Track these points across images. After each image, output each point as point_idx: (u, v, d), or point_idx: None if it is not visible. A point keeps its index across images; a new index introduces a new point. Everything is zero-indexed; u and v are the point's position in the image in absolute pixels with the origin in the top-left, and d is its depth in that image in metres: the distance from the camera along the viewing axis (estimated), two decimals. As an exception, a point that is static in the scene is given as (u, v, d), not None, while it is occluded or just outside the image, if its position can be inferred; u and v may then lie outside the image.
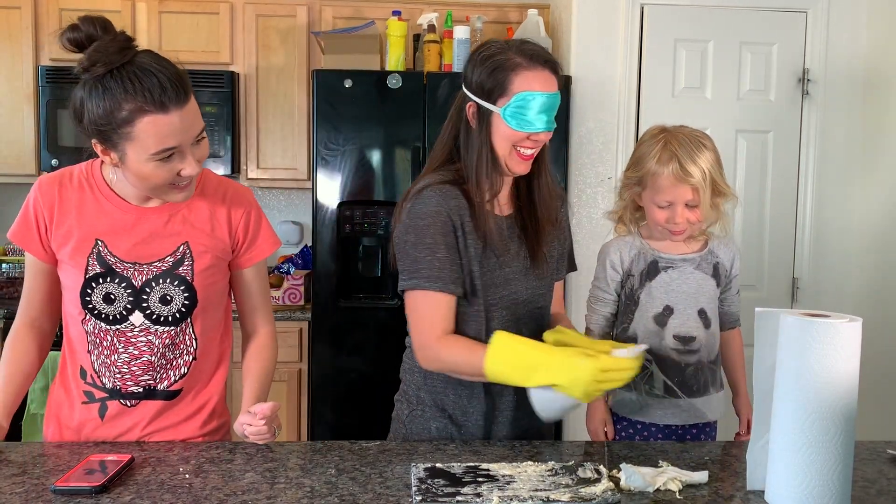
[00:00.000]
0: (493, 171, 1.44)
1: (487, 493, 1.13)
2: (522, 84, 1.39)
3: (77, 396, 1.43)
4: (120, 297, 1.39)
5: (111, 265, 1.38)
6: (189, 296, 1.41)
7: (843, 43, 3.02)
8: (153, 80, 1.22)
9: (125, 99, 1.21)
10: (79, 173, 1.41)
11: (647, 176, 1.63)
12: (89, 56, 1.22)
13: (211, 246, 1.43)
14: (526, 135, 1.40)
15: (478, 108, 1.44)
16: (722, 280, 1.73)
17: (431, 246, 1.42)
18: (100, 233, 1.38)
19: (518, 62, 1.39)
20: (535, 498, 1.12)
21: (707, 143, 1.62)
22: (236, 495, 1.14)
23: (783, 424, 1.11)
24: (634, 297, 1.70)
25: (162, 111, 1.22)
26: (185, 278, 1.41)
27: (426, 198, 1.45)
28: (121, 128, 1.23)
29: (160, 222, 1.40)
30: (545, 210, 1.52)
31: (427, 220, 1.43)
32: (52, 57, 3.21)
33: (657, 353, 1.68)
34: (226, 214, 1.45)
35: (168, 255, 1.40)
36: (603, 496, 1.13)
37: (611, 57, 2.96)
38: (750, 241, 3.07)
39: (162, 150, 1.25)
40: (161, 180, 1.29)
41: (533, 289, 1.53)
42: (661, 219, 1.64)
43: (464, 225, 1.45)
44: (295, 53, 3.27)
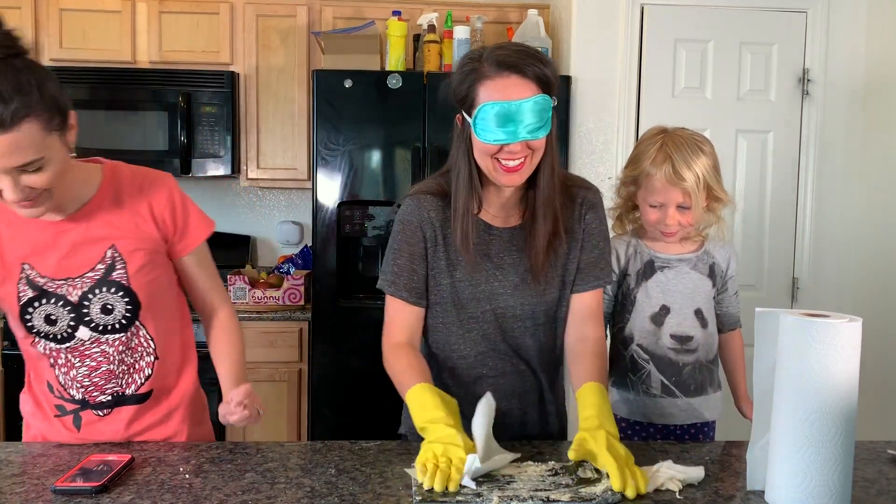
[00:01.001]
0: (472, 183, 1.41)
1: (487, 493, 1.13)
2: (485, 94, 1.33)
3: (49, 410, 1.42)
4: (60, 315, 1.35)
5: (42, 286, 1.33)
6: (130, 300, 1.37)
7: (843, 43, 3.02)
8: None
9: None
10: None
11: (641, 176, 1.64)
12: None
13: (140, 243, 1.37)
14: (498, 147, 1.33)
15: (462, 119, 1.41)
16: (718, 281, 1.73)
17: (396, 252, 1.46)
18: (23, 256, 1.33)
19: (483, 71, 1.34)
20: (535, 498, 1.12)
21: (705, 148, 1.62)
22: (236, 495, 1.14)
23: (783, 424, 1.11)
24: (631, 296, 1.70)
25: None
26: (121, 283, 1.36)
27: (405, 205, 1.48)
28: None
29: (79, 231, 1.34)
30: (545, 222, 1.42)
31: (398, 226, 1.47)
32: (52, 57, 3.21)
33: (654, 353, 1.68)
34: (147, 206, 1.38)
35: (98, 263, 1.35)
36: (603, 496, 1.13)
37: (611, 57, 2.96)
38: (750, 240, 3.07)
39: None
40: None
41: (532, 304, 1.47)
42: (652, 219, 1.65)
43: (437, 236, 1.45)
44: (295, 53, 3.27)
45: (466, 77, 1.37)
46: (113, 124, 3.20)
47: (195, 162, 3.22)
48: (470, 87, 1.36)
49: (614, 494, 1.14)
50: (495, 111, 1.32)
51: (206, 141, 3.21)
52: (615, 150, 2.99)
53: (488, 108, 1.32)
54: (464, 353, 1.49)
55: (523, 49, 1.36)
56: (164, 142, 3.19)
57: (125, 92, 3.17)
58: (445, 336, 1.50)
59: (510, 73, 1.32)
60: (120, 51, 3.23)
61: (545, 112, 1.33)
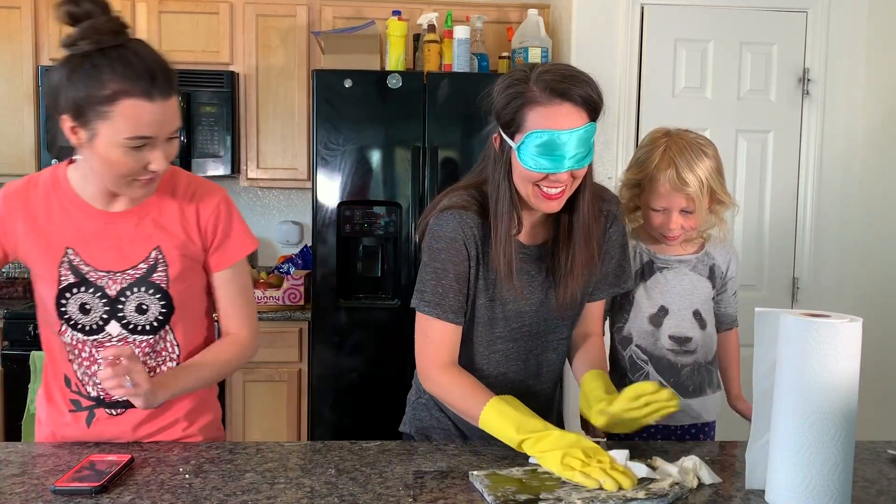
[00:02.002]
0: (512, 207, 1.36)
1: (567, 497, 1.12)
2: (536, 121, 1.27)
3: (64, 405, 1.42)
4: (95, 306, 1.35)
5: (84, 274, 1.34)
6: (165, 304, 1.38)
7: (844, 43, 3.02)
8: (143, 67, 1.20)
9: (111, 79, 1.18)
10: (43, 180, 1.37)
11: (644, 180, 1.63)
12: (82, 31, 1.20)
13: (183, 249, 1.38)
14: (543, 175, 1.29)
15: (501, 140, 1.35)
16: (717, 282, 1.73)
17: (439, 271, 1.39)
18: (69, 241, 1.34)
19: (534, 95, 1.27)
20: (615, 498, 1.12)
21: (708, 151, 1.61)
22: (236, 495, 1.14)
23: (783, 424, 1.11)
24: (630, 297, 1.70)
25: (146, 98, 1.20)
26: (160, 286, 1.37)
27: (445, 220, 1.39)
28: (100, 105, 1.19)
29: (129, 226, 1.36)
30: (583, 247, 1.40)
31: (441, 243, 1.39)
32: (52, 57, 3.20)
33: (652, 354, 1.68)
34: (195, 213, 1.39)
35: (141, 262, 1.36)
36: (672, 490, 1.15)
37: (611, 57, 2.96)
38: (750, 240, 3.07)
39: (136, 137, 1.21)
40: (126, 169, 1.25)
41: (552, 320, 1.47)
42: (655, 223, 1.65)
43: (479, 255, 1.40)
44: (295, 53, 3.27)
45: (513, 100, 1.29)
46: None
47: (195, 162, 3.22)
48: (517, 112, 1.29)
49: (682, 489, 1.16)
50: (544, 140, 1.26)
51: (205, 141, 3.21)
52: (615, 150, 2.99)
53: (536, 136, 1.27)
54: (485, 372, 1.47)
55: (573, 73, 1.30)
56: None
57: (125, 92, 3.17)
58: (468, 356, 1.46)
59: (562, 100, 1.27)
60: (120, 51, 3.23)
61: (591, 140, 1.30)
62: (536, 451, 1.23)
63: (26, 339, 2.90)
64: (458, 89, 2.91)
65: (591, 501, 1.11)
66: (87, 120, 1.21)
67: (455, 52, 3.02)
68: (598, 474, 1.15)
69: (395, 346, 2.89)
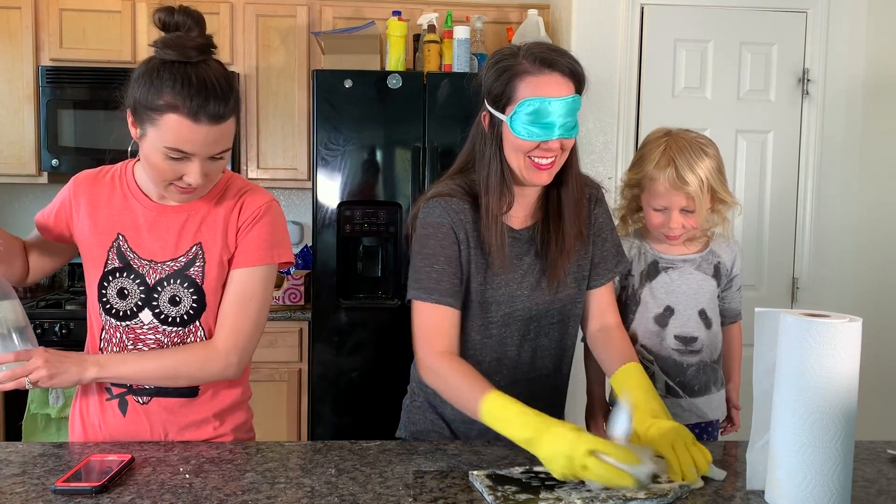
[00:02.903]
0: (505, 183, 1.39)
1: (567, 497, 1.12)
2: (527, 90, 1.32)
3: (99, 392, 1.44)
4: (133, 293, 1.40)
5: (129, 261, 1.40)
6: (198, 298, 1.41)
7: (843, 43, 3.02)
8: (202, 91, 1.25)
9: (168, 92, 1.25)
10: (113, 171, 1.46)
11: (644, 179, 1.63)
12: (167, 40, 1.27)
13: (222, 249, 1.42)
14: (535, 144, 1.33)
15: (490, 117, 1.39)
16: (723, 280, 1.73)
17: (430, 257, 1.40)
18: (122, 227, 1.41)
19: (524, 67, 1.33)
20: (615, 497, 1.12)
21: (709, 151, 1.61)
22: (236, 495, 1.14)
23: (783, 424, 1.12)
24: (636, 297, 1.70)
25: (192, 119, 1.26)
26: (195, 280, 1.41)
27: (431, 207, 1.42)
28: (151, 111, 1.27)
29: (178, 221, 1.41)
30: (573, 222, 1.44)
31: (429, 229, 1.41)
32: (52, 57, 3.21)
33: (658, 354, 1.68)
34: (236, 218, 1.43)
35: (181, 255, 1.41)
36: (674, 490, 1.14)
37: (611, 57, 2.96)
38: (750, 240, 3.07)
39: (174, 149, 1.28)
40: (163, 175, 1.32)
41: (546, 303, 1.47)
42: (656, 222, 1.65)
43: (468, 238, 1.41)
44: (295, 53, 3.27)
45: (503, 73, 1.34)
46: (113, 124, 3.18)
47: (195, 162, 3.21)
48: (508, 84, 1.34)
49: (684, 488, 1.16)
50: (535, 107, 1.32)
51: (206, 141, 3.21)
52: (615, 150, 2.99)
53: (528, 104, 1.32)
54: (479, 358, 1.47)
55: (558, 48, 1.38)
56: (164, 142, 3.19)
57: (125, 92, 3.17)
58: (467, 343, 1.46)
59: (551, 70, 1.33)
60: (120, 51, 3.23)
61: (577, 112, 1.36)
62: (541, 454, 1.18)
63: (26, 339, 2.90)
64: (458, 89, 2.91)
65: (592, 501, 1.11)
66: (140, 120, 1.30)
67: (455, 52, 3.02)
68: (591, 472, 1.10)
69: (395, 346, 2.89)
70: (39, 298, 3.16)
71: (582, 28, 2.97)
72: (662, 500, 1.13)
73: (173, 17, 1.29)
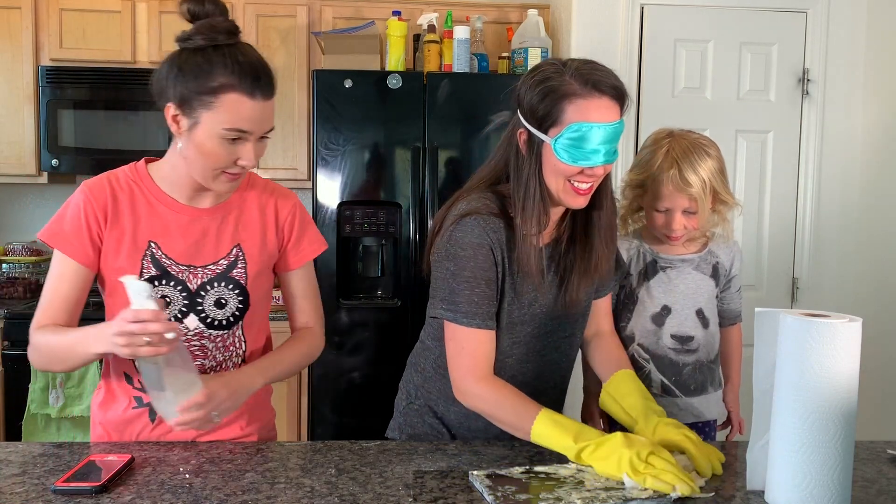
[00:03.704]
0: (542, 204, 1.34)
1: (566, 497, 1.12)
2: (576, 114, 1.26)
3: (125, 401, 1.42)
4: (175, 299, 1.38)
5: (166, 267, 1.37)
6: (243, 299, 1.42)
7: (843, 43, 3.03)
8: (250, 66, 1.28)
9: (221, 72, 1.26)
10: (125, 176, 1.40)
11: (647, 180, 1.63)
12: (198, 28, 1.29)
13: (262, 248, 1.44)
14: (579, 169, 1.29)
15: (529, 136, 1.33)
16: (721, 280, 1.73)
17: (471, 280, 1.35)
18: (153, 234, 1.37)
19: (573, 89, 1.27)
20: (614, 498, 1.12)
21: (711, 152, 1.61)
22: (236, 495, 1.14)
23: (783, 424, 1.12)
24: (633, 296, 1.70)
25: (249, 95, 1.27)
26: (240, 282, 1.41)
27: (469, 226, 1.35)
28: (206, 95, 1.26)
29: (214, 223, 1.40)
30: (604, 245, 1.40)
31: (469, 251, 1.35)
32: (52, 57, 3.21)
33: (655, 353, 1.68)
34: (273, 214, 1.46)
35: (222, 258, 1.40)
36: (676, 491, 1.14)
37: (611, 57, 2.96)
38: (750, 240, 3.07)
39: (234, 129, 1.28)
40: (219, 162, 1.30)
41: (560, 318, 1.46)
42: (658, 223, 1.65)
43: (504, 259, 1.38)
44: (295, 53, 3.27)
45: (550, 94, 1.28)
46: (113, 124, 3.20)
47: (195, 162, 3.21)
48: (554, 105, 1.28)
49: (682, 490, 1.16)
50: (582, 133, 1.26)
51: (206, 141, 3.21)
52: (615, 150, 2.99)
53: (582, 128, 1.26)
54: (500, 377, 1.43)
55: (604, 67, 1.32)
56: (164, 142, 3.19)
57: (125, 92, 3.17)
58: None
59: (600, 94, 1.28)
60: (120, 50, 3.23)
61: (620, 136, 1.33)
62: (597, 458, 1.20)
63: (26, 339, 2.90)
64: (458, 89, 2.91)
65: (592, 502, 1.11)
66: (191, 109, 1.28)
67: (455, 52, 3.03)
68: (670, 478, 1.14)
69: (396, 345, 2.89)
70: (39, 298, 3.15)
71: (582, 28, 2.97)
72: (662, 500, 1.13)
73: (203, 7, 1.30)
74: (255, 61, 1.30)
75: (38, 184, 3.38)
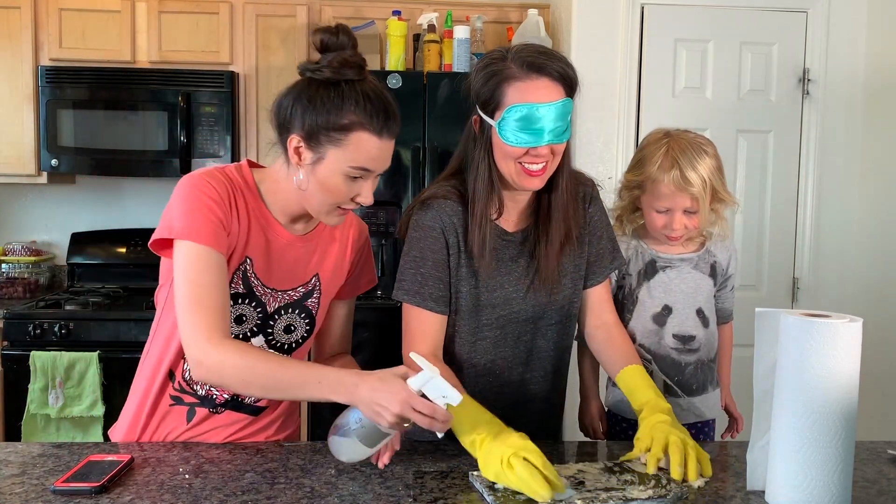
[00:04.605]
0: (493, 188, 1.38)
1: (567, 497, 1.12)
2: (515, 96, 1.30)
3: (161, 397, 1.39)
4: (249, 318, 1.37)
5: (253, 287, 1.35)
6: (309, 328, 1.43)
7: (844, 43, 3.02)
8: (381, 105, 1.27)
9: (353, 110, 1.25)
10: (235, 179, 1.34)
11: (647, 181, 1.63)
12: (330, 60, 1.26)
13: (336, 279, 1.46)
14: (524, 150, 1.32)
15: (481, 121, 1.38)
16: (719, 279, 1.73)
17: (417, 259, 1.41)
18: (252, 251, 1.34)
19: (511, 72, 1.31)
20: (615, 497, 1.12)
21: (709, 150, 1.61)
22: (236, 495, 1.14)
23: (783, 424, 1.11)
24: (633, 296, 1.70)
25: (377, 134, 1.26)
26: (311, 311, 1.42)
27: (423, 210, 1.43)
28: (335, 132, 1.25)
29: (303, 252, 1.40)
30: (559, 226, 1.43)
31: (418, 232, 1.42)
32: (52, 57, 3.21)
33: (657, 353, 1.68)
34: (348, 246, 1.47)
35: (300, 285, 1.40)
36: (675, 491, 1.15)
37: (611, 57, 2.96)
38: (750, 240, 3.07)
39: (359, 168, 1.27)
40: (338, 197, 1.29)
41: (543, 305, 1.48)
42: (658, 224, 1.64)
43: (459, 243, 1.42)
44: (295, 53, 3.27)
45: (492, 78, 1.33)
46: (113, 124, 3.20)
47: (195, 162, 3.21)
48: (496, 89, 1.32)
49: (682, 489, 1.16)
50: (523, 114, 1.30)
51: (205, 141, 3.21)
52: (615, 150, 2.99)
53: (516, 110, 1.30)
54: (474, 361, 1.47)
55: (548, 51, 1.35)
56: (163, 142, 3.19)
57: (125, 92, 3.17)
58: (457, 346, 1.48)
59: (539, 75, 1.31)
60: (119, 50, 3.23)
61: (568, 115, 1.34)
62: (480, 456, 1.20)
63: (26, 339, 2.90)
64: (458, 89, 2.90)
65: (592, 502, 1.11)
66: (318, 143, 1.27)
67: (455, 52, 3.03)
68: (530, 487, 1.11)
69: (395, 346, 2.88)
70: (39, 298, 3.15)
71: (582, 28, 2.97)
72: (662, 500, 1.13)
73: (338, 39, 1.28)
74: (385, 100, 1.29)
75: (38, 184, 3.38)
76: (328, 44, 1.28)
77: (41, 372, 2.81)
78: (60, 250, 3.57)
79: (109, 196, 3.61)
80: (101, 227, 3.58)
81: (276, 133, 1.33)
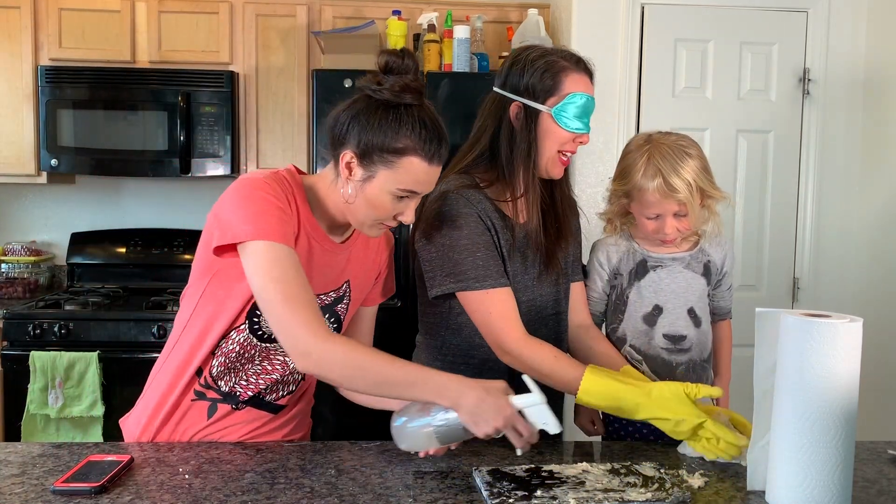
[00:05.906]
0: (534, 169, 1.47)
1: (562, 496, 1.13)
2: (572, 85, 1.43)
3: (185, 393, 1.39)
4: None
5: None
6: (336, 330, 1.45)
7: (844, 43, 3.02)
8: (435, 133, 1.30)
9: (408, 135, 1.27)
10: (290, 183, 1.35)
11: (633, 190, 1.61)
12: (393, 82, 1.28)
13: (365, 286, 1.49)
14: (573, 136, 1.45)
15: (524, 109, 1.45)
16: (713, 278, 1.72)
17: (469, 247, 1.43)
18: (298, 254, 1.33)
19: (566, 65, 1.44)
20: (611, 499, 1.12)
21: (691, 151, 1.59)
22: (236, 495, 1.14)
23: (783, 425, 1.11)
24: (624, 296, 1.70)
25: (428, 161, 1.30)
26: (340, 316, 1.44)
27: (451, 201, 1.45)
28: (388, 154, 1.28)
29: (341, 259, 1.42)
30: (566, 219, 1.57)
31: (459, 220, 1.44)
32: (52, 57, 3.21)
33: (647, 354, 1.68)
34: (377, 254, 1.51)
35: (332, 290, 1.43)
36: (675, 496, 1.15)
37: (611, 57, 2.96)
38: (750, 241, 3.07)
39: (407, 190, 1.30)
40: (382, 213, 1.32)
41: (548, 294, 1.56)
42: (650, 229, 1.64)
43: (495, 226, 1.47)
44: (295, 53, 3.27)
45: (549, 68, 1.44)
46: (112, 124, 3.20)
47: (195, 162, 3.21)
48: (554, 77, 1.43)
49: (684, 493, 1.16)
50: (582, 102, 1.44)
51: (205, 141, 3.21)
52: (615, 150, 2.98)
53: (578, 98, 1.43)
54: (484, 350, 1.49)
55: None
56: (163, 142, 3.19)
57: (125, 92, 3.17)
58: (470, 335, 1.51)
59: (585, 72, 1.48)
60: (119, 50, 3.23)
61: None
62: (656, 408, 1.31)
63: (26, 339, 2.90)
64: (458, 89, 2.91)
65: (587, 502, 1.11)
66: (370, 162, 1.29)
67: (455, 51, 3.02)
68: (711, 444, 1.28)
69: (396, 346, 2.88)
70: (39, 298, 3.15)
71: (582, 28, 2.97)
72: (662, 501, 1.13)
73: (402, 62, 1.29)
74: (439, 127, 1.31)
75: (38, 184, 3.38)
76: (392, 66, 1.29)
77: (41, 372, 2.81)
78: (60, 250, 3.57)
79: (109, 196, 3.61)
80: (101, 227, 3.58)
81: (329, 145, 1.35)
